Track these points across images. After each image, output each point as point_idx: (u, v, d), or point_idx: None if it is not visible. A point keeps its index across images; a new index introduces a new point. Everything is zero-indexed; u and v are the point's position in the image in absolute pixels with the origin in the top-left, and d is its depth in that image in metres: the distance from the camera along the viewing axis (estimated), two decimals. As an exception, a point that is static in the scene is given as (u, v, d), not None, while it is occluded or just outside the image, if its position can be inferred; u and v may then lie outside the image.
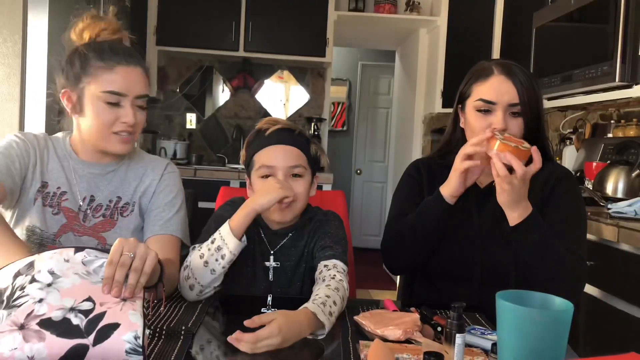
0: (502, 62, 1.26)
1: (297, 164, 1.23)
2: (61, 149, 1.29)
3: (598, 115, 2.61)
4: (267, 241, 1.29)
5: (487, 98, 1.23)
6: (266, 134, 1.24)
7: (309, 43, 3.68)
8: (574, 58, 2.22)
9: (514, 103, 1.21)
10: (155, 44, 3.61)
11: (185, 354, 0.86)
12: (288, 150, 1.23)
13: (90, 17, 1.27)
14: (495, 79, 1.23)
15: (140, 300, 0.82)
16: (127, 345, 0.74)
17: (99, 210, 1.27)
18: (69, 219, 1.24)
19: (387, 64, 5.66)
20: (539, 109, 1.25)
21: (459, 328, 0.80)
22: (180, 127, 4.09)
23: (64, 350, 0.72)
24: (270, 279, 1.26)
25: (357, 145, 5.98)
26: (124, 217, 1.28)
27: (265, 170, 1.22)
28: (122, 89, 1.18)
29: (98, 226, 1.25)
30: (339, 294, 1.06)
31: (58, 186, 1.25)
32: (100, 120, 1.19)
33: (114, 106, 1.19)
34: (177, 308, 1.09)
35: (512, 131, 1.21)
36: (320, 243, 1.25)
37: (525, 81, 1.22)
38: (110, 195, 1.28)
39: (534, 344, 0.69)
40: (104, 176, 1.28)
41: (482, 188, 1.30)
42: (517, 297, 0.74)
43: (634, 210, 1.75)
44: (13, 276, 0.82)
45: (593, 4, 2.09)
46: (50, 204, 1.24)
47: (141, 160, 1.35)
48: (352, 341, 0.94)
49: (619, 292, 1.62)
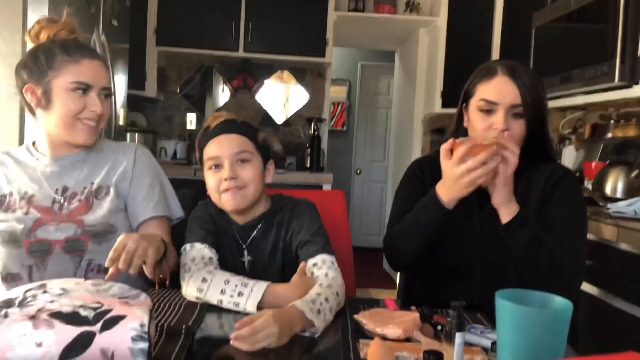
0: (508, 63, 1.27)
1: (241, 150, 1.25)
2: (22, 154, 1.35)
3: (597, 115, 2.62)
4: (238, 236, 1.30)
5: (489, 98, 1.23)
6: (211, 129, 1.28)
7: (308, 43, 3.68)
8: (574, 58, 2.22)
9: (516, 104, 1.21)
10: (155, 44, 3.61)
11: (185, 353, 0.87)
12: (232, 139, 1.25)
13: (46, 19, 1.33)
14: (499, 80, 1.24)
15: (148, 307, 0.83)
16: (133, 332, 0.76)
17: (74, 197, 1.30)
18: (43, 214, 1.27)
19: (386, 64, 5.66)
20: (543, 111, 1.25)
21: (459, 327, 0.80)
22: (180, 127, 4.09)
23: (71, 337, 0.74)
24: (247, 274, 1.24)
25: (357, 145, 5.98)
26: (99, 199, 1.31)
27: (212, 162, 1.25)
28: (89, 79, 1.26)
29: (75, 211, 1.29)
30: (332, 290, 1.08)
31: (25, 191, 1.29)
32: (68, 109, 1.25)
33: (83, 95, 1.26)
34: (178, 307, 1.09)
35: (514, 132, 1.22)
36: (299, 238, 1.25)
37: (529, 83, 1.22)
38: (83, 182, 1.33)
39: (533, 343, 0.69)
40: (73, 165, 1.33)
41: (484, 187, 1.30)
42: (516, 296, 0.75)
43: (633, 210, 1.75)
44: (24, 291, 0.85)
45: (593, 4, 2.09)
46: (20, 207, 1.27)
47: (109, 148, 1.40)
48: (352, 340, 0.94)
49: (618, 292, 1.62)
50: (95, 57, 1.30)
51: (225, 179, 1.22)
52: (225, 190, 1.23)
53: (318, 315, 0.99)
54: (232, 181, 1.22)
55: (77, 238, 1.26)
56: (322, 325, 0.99)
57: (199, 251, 1.22)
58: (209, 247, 1.24)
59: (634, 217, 1.72)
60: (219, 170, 1.24)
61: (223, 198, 1.24)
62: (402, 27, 4.15)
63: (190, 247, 1.23)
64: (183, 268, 1.19)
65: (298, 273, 1.18)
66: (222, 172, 1.23)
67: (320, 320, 0.99)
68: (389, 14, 3.87)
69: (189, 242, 1.25)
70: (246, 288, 1.09)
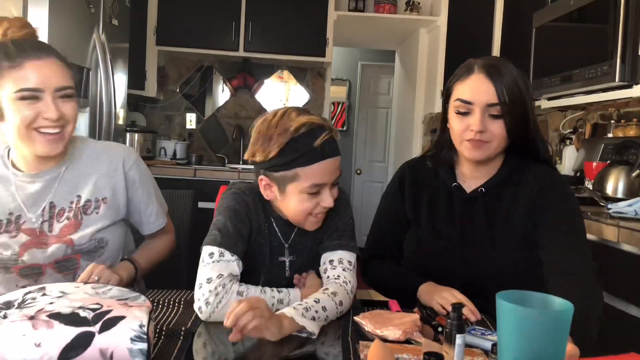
0: (486, 60, 1.20)
1: (339, 173, 1.14)
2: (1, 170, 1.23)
3: (598, 115, 2.61)
4: (280, 232, 1.19)
5: (464, 98, 1.18)
6: (315, 145, 1.07)
7: (309, 43, 3.68)
8: (574, 58, 2.22)
9: (492, 103, 1.15)
10: (155, 44, 3.61)
11: (185, 353, 0.86)
12: (337, 163, 1.12)
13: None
14: (475, 78, 1.18)
15: (148, 308, 0.83)
16: (132, 333, 0.76)
17: (62, 214, 1.23)
18: (32, 236, 1.20)
19: (387, 64, 5.65)
20: (526, 110, 1.18)
21: (459, 328, 0.80)
22: (180, 127, 4.09)
23: (70, 337, 0.74)
24: (287, 275, 1.19)
25: (357, 145, 5.98)
26: (88, 215, 1.25)
27: (314, 189, 1.10)
28: (36, 84, 1.10)
29: (64, 230, 1.22)
30: (335, 299, 1.04)
31: (10, 212, 1.20)
32: (19, 120, 1.10)
33: (33, 102, 1.11)
34: (177, 308, 1.08)
35: (492, 133, 1.17)
36: (329, 223, 1.18)
37: (509, 81, 1.15)
38: (68, 196, 1.24)
39: (534, 344, 0.68)
40: (55, 179, 1.23)
41: (469, 193, 1.27)
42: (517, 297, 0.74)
43: (634, 210, 1.75)
44: (24, 293, 0.85)
45: (593, 4, 2.09)
46: (6, 230, 1.20)
47: (92, 153, 1.28)
48: (352, 341, 0.94)
49: (619, 292, 1.62)
50: (42, 56, 1.12)
51: (323, 207, 1.12)
52: (315, 215, 1.14)
53: (312, 321, 0.97)
54: (325, 208, 1.12)
55: (67, 258, 1.22)
56: (316, 329, 0.97)
57: (228, 266, 1.06)
58: (238, 259, 1.09)
59: (635, 217, 1.72)
60: (315, 196, 1.11)
61: (309, 221, 1.15)
62: (402, 27, 4.14)
63: (220, 255, 1.07)
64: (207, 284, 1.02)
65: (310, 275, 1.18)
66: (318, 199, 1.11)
67: (315, 325, 0.97)
68: (389, 13, 3.87)
69: (217, 244, 1.08)
70: (282, 304, 1.06)
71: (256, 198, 1.19)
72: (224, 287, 1.02)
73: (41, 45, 1.16)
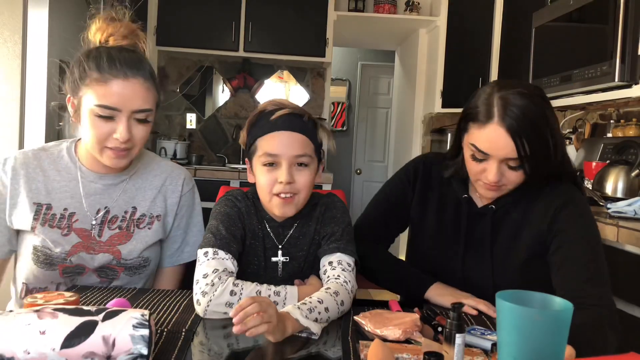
0: (506, 104, 1.06)
1: (303, 153, 1.14)
2: (64, 161, 1.25)
3: (597, 115, 2.62)
4: (273, 234, 1.21)
5: (480, 147, 1.09)
6: (272, 118, 1.14)
7: (308, 43, 3.68)
8: (573, 58, 2.22)
9: (511, 157, 1.07)
10: (155, 44, 3.61)
11: (185, 354, 0.86)
12: (295, 138, 1.14)
13: (102, 19, 1.21)
14: (493, 130, 1.06)
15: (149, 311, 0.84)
16: (134, 320, 0.77)
17: (115, 222, 1.24)
18: (83, 239, 1.21)
19: (386, 64, 5.66)
20: (548, 154, 1.08)
21: (459, 328, 0.80)
22: (180, 127, 4.09)
23: (74, 326, 0.76)
24: (279, 275, 1.21)
25: (357, 145, 5.98)
26: (141, 229, 1.26)
27: (268, 159, 1.13)
28: (116, 103, 1.11)
29: (114, 239, 1.23)
30: (337, 298, 1.04)
31: (65, 207, 1.21)
32: (93, 134, 1.14)
33: (108, 120, 1.12)
34: (177, 308, 1.09)
35: (509, 180, 1.11)
36: (327, 229, 1.20)
37: (531, 131, 1.04)
38: (124, 206, 1.25)
39: (533, 344, 0.69)
40: (116, 186, 1.25)
41: (479, 208, 1.24)
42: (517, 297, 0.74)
43: (633, 210, 1.75)
44: None
45: (592, 4, 2.09)
46: (58, 226, 1.20)
47: (156, 168, 1.32)
48: (352, 341, 0.94)
49: (619, 292, 1.62)
50: (130, 76, 1.12)
51: (281, 182, 1.12)
52: (277, 194, 1.14)
53: (315, 322, 0.97)
54: (287, 186, 1.12)
55: (111, 267, 1.23)
56: (318, 331, 0.97)
57: (222, 263, 1.09)
58: (233, 258, 1.11)
59: (634, 217, 1.72)
60: (273, 169, 1.14)
61: (273, 201, 1.15)
62: (402, 27, 4.15)
63: (214, 254, 1.10)
64: (203, 278, 1.05)
65: None
66: (278, 173, 1.13)
67: (317, 327, 0.97)
68: (388, 13, 3.87)
69: (211, 245, 1.11)
70: (279, 297, 1.06)
71: (249, 202, 1.22)
72: (220, 279, 1.04)
73: (134, 61, 1.15)
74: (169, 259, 1.35)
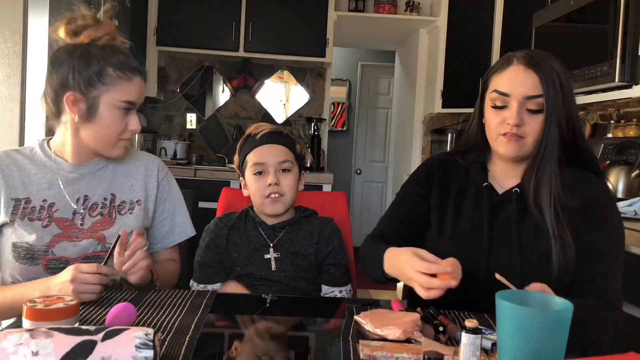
0: (528, 51, 1.14)
1: (285, 159, 1.42)
2: (38, 156, 1.27)
3: (598, 115, 2.62)
4: (265, 235, 1.43)
5: (500, 89, 1.12)
6: (257, 137, 1.43)
7: (309, 43, 3.68)
8: (574, 58, 2.22)
9: (530, 95, 1.09)
10: (155, 44, 3.61)
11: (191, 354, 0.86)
12: (277, 149, 1.42)
13: (90, 17, 1.24)
14: (513, 69, 1.12)
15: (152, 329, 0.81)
16: (137, 340, 0.72)
17: (95, 209, 1.26)
18: (64, 229, 1.22)
19: (386, 64, 5.66)
20: (567, 106, 1.10)
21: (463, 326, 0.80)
22: (180, 127, 4.09)
23: (70, 346, 0.70)
24: (272, 269, 1.39)
25: (357, 145, 5.98)
26: (122, 215, 1.28)
27: (257, 167, 1.41)
28: (135, 98, 1.24)
29: (97, 225, 1.25)
30: None
31: (44, 199, 1.23)
32: (113, 129, 1.23)
33: (126, 114, 1.24)
34: (181, 309, 1.09)
35: (529, 127, 1.10)
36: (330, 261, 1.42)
37: (549, 73, 1.08)
38: (104, 193, 1.28)
39: (533, 344, 0.69)
40: (94, 174, 1.29)
41: (500, 194, 1.21)
42: (517, 297, 0.75)
43: (633, 210, 1.75)
44: None
45: (592, 4, 2.09)
46: (38, 218, 1.21)
47: (132, 156, 1.37)
48: (352, 341, 0.94)
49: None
50: (142, 74, 1.27)
51: (269, 184, 1.39)
52: (268, 195, 1.40)
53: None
54: (275, 187, 1.39)
55: (96, 254, 1.23)
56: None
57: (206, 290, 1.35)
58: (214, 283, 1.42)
59: (634, 217, 1.72)
60: (262, 176, 1.41)
61: (266, 202, 1.41)
62: (402, 27, 4.15)
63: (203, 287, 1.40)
64: None
65: None
66: (267, 178, 1.40)
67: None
68: (389, 14, 3.87)
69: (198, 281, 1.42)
70: None
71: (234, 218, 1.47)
72: None
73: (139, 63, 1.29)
74: (160, 243, 1.39)
